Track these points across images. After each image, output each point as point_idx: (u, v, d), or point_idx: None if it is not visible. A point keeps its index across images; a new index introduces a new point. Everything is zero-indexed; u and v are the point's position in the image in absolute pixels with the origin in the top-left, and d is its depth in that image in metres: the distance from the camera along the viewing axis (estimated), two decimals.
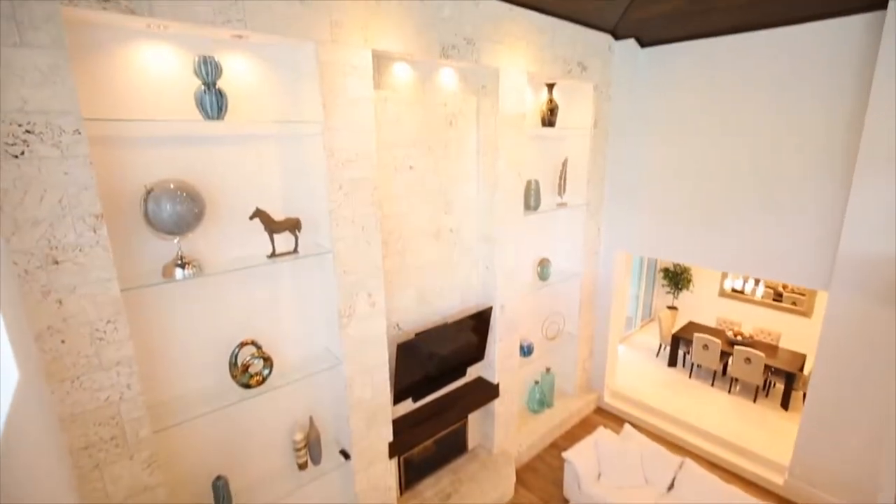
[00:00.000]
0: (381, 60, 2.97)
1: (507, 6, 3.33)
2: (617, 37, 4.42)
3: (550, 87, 4.13)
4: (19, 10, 1.61)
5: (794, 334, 6.38)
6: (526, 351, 4.44)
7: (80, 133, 1.77)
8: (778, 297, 6.93)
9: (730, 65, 3.96)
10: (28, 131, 1.68)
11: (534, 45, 3.61)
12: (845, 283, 3.45)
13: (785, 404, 5.39)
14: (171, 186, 2.11)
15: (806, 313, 6.60)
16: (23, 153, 1.68)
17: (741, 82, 3.91)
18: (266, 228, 2.46)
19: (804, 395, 4.72)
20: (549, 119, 4.18)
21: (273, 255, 2.50)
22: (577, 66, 4.09)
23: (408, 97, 3.19)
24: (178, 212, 2.09)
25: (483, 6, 3.16)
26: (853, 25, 3.31)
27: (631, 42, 4.42)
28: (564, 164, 4.44)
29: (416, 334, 3.32)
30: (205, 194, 2.26)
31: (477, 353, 3.90)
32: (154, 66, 2.15)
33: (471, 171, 3.71)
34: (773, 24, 3.65)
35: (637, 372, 6.23)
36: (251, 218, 2.41)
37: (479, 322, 3.78)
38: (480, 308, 3.80)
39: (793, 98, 3.66)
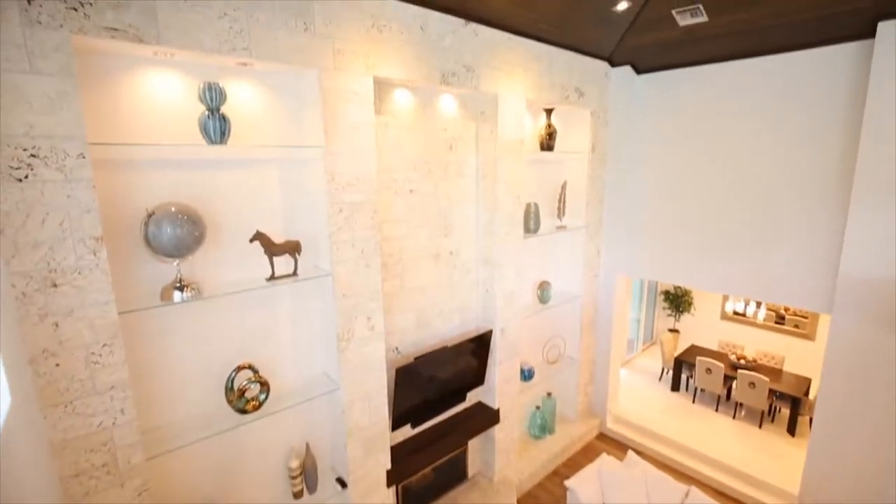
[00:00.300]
0: (382, 87, 3.03)
1: (506, 35, 3.42)
2: (613, 64, 4.53)
3: (549, 112, 4.21)
4: (30, 40, 1.66)
5: (798, 357, 6.31)
6: (527, 375, 4.38)
7: (84, 157, 1.80)
8: (780, 319, 6.89)
9: (725, 91, 4.04)
10: (33, 155, 1.70)
11: (532, 72, 3.69)
12: (847, 307, 3.43)
13: (791, 430, 5.29)
14: (173, 209, 2.13)
15: (809, 336, 6.55)
16: (27, 177, 1.70)
17: (737, 108, 3.98)
18: (266, 251, 2.46)
19: (811, 421, 4.63)
20: (547, 143, 4.24)
21: (272, 277, 2.50)
22: (575, 93, 4.17)
23: (408, 122, 3.25)
24: (179, 235, 2.10)
25: (482, 35, 3.25)
26: (844, 53, 3.39)
27: (627, 69, 4.52)
28: (563, 188, 4.48)
29: (416, 358, 3.28)
30: (206, 217, 2.28)
31: (477, 377, 3.85)
32: (159, 92, 2.19)
33: (470, 195, 3.74)
34: (765, 52, 3.74)
35: (640, 396, 6.13)
36: (251, 241, 2.42)
37: (479, 345, 3.74)
38: (480, 331, 3.77)
39: (789, 123, 3.72)
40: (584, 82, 4.25)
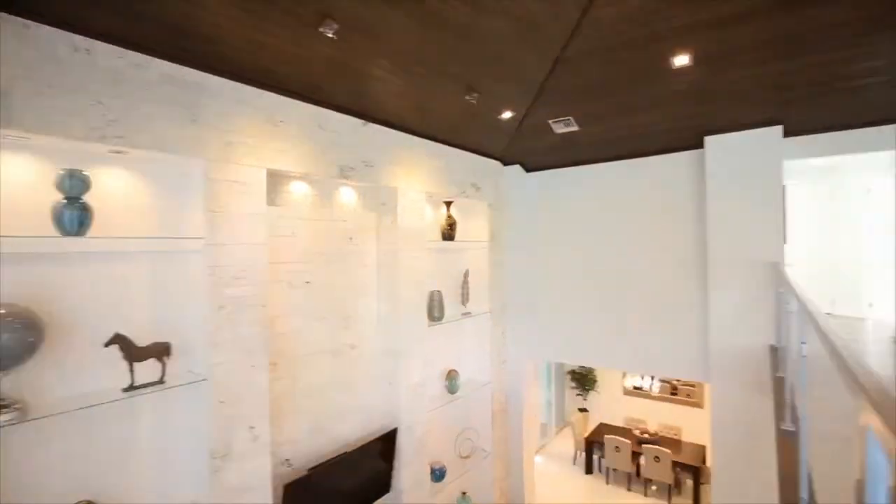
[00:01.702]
0: (277, 178, 2.99)
1: (404, 135, 3.65)
2: (505, 163, 5.01)
3: (448, 204, 4.44)
4: None
5: (693, 426, 6.72)
6: (438, 475, 4.07)
7: None
8: (674, 391, 7.39)
9: (602, 187, 4.60)
10: None
11: (430, 168, 3.93)
12: (720, 374, 3.77)
13: (697, 501, 5.43)
14: (2, 312, 1.78)
15: (699, 404, 7.06)
16: None
17: (614, 202, 4.54)
18: (125, 356, 2.12)
19: None
20: (448, 233, 4.41)
21: (131, 388, 2.13)
22: (472, 187, 4.49)
23: (305, 213, 3.20)
24: (4, 343, 1.74)
25: (381, 134, 3.43)
26: (688, 159, 4.08)
27: (517, 167, 5.02)
28: (466, 275, 4.61)
29: (309, 469, 2.90)
30: (52, 318, 1.95)
31: (383, 483, 3.49)
32: (3, 176, 1.93)
33: (371, 285, 3.68)
34: (630, 156, 4.40)
35: (556, 484, 6.00)
36: (107, 345, 2.08)
37: (385, 445, 3.45)
38: (386, 429, 3.50)
39: (656, 215, 4.30)
40: (479, 178, 4.61)
